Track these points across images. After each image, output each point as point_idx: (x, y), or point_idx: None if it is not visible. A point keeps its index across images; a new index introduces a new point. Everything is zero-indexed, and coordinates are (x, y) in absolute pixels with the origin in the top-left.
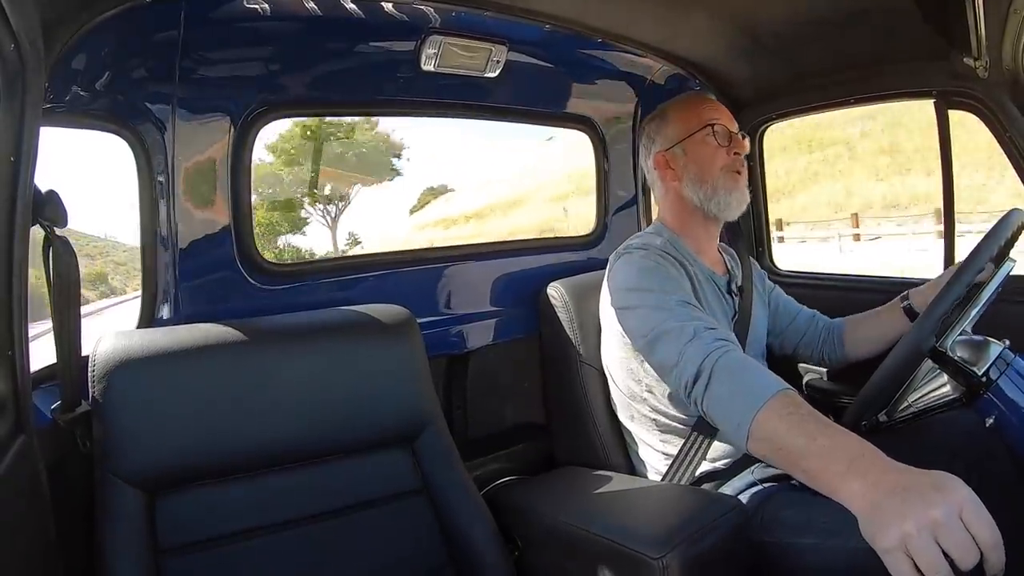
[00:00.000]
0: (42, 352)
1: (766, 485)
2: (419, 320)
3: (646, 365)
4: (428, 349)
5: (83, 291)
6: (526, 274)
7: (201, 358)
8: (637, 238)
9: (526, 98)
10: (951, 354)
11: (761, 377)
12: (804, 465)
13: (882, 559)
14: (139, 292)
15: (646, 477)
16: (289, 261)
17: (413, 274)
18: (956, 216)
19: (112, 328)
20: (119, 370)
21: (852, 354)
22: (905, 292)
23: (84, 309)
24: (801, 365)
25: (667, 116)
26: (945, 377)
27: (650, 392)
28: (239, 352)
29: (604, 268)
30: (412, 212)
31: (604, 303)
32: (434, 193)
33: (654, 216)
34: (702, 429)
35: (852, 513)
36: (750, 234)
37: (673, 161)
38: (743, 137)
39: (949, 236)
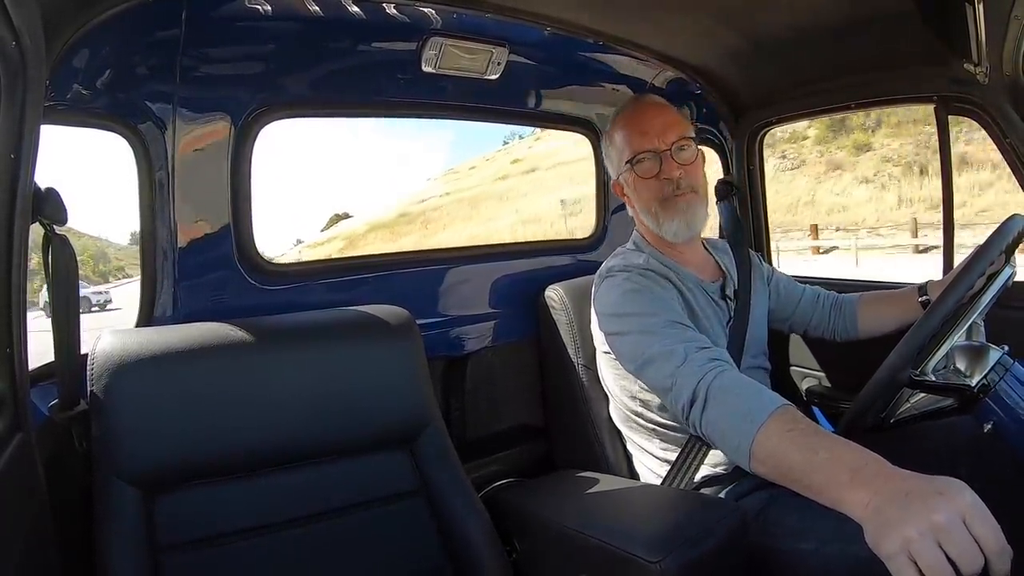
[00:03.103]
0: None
1: (767, 489)
2: (418, 321)
3: (640, 383)
4: (427, 351)
5: None
6: (525, 276)
7: (200, 357)
8: (618, 258)
9: (526, 100)
10: (931, 378)
11: (758, 396)
12: (808, 480)
13: (887, 565)
14: None
15: (645, 481)
16: (289, 261)
17: (412, 275)
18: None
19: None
20: (118, 369)
21: (865, 334)
22: (924, 283)
23: None
24: (794, 369)
25: (613, 139)
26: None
27: (646, 407)
28: (238, 352)
29: None
30: None
31: (594, 323)
32: None
33: None
34: (701, 438)
35: (854, 519)
36: (750, 239)
37: (626, 187)
38: (682, 148)
39: (948, 241)
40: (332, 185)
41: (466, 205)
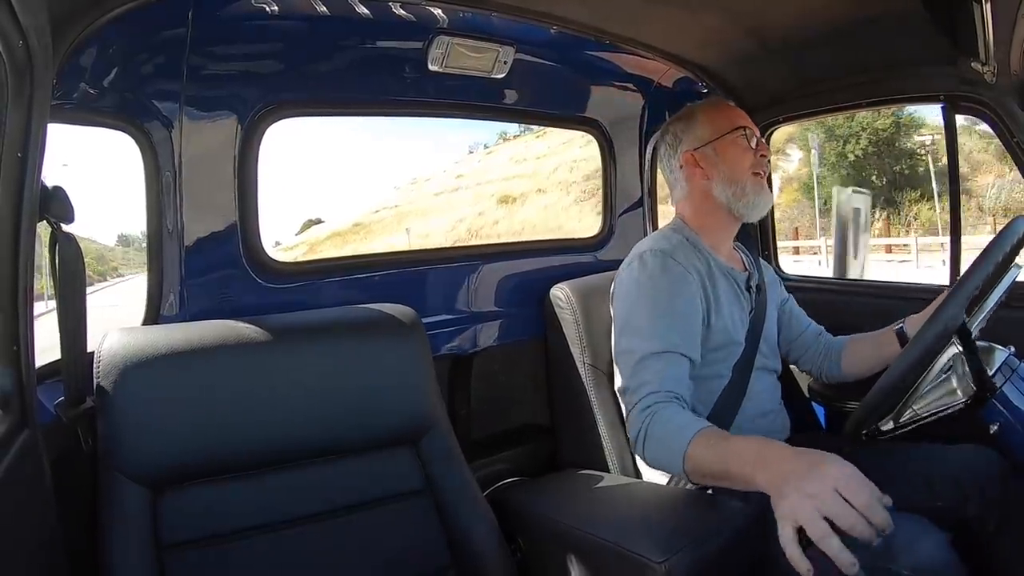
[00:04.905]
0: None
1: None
2: (424, 320)
3: None
4: (433, 349)
5: None
6: (532, 275)
7: (206, 356)
8: (652, 239)
9: (533, 99)
10: (976, 335)
11: (678, 432)
12: (729, 477)
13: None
14: None
15: (651, 480)
16: (295, 259)
17: (419, 274)
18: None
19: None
20: (124, 367)
21: (847, 373)
22: (902, 320)
23: None
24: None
25: (696, 117)
26: (953, 383)
27: None
28: (244, 350)
29: (610, 270)
30: None
31: (613, 301)
32: None
33: (660, 218)
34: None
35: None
36: (757, 239)
37: (703, 160)
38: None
39: (955, 242)
40: (315, 189)
41: (401, 219)
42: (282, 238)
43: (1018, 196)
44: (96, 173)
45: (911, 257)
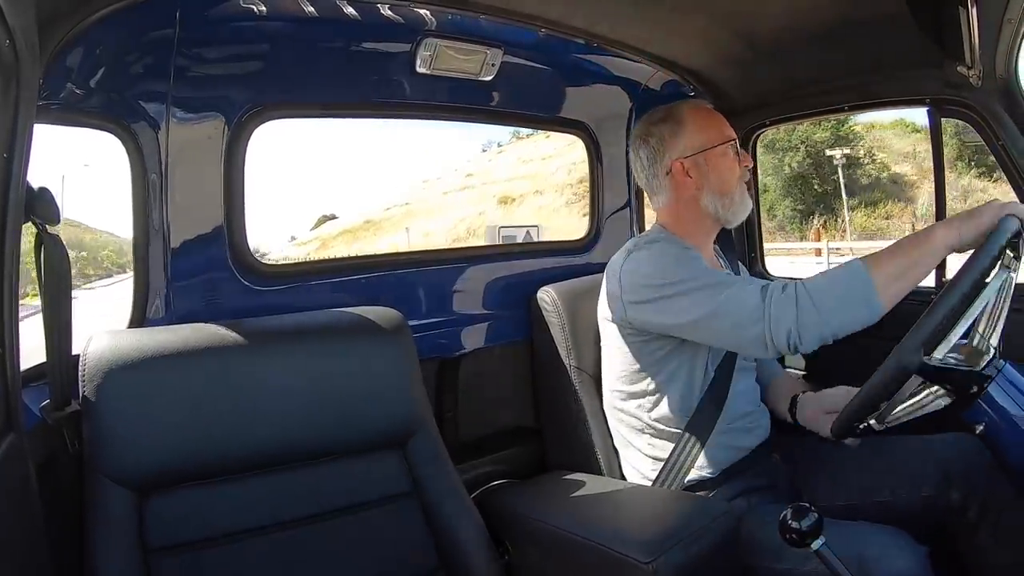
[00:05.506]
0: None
1: (751, 497)
2: (411, 323)
3: (648, 367)
4: (420, 352)
5: None
6: (518, 278)
7: (192, 359)
8: (645, 236)
9: (521, 102)
10: (944, 365)
11: (846, 276)
12: (920, 265)
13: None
14: None
15: (636, 483)
16: (282, 262)
17: (405, 276)
18: None
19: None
20: (110, 370)
21: (769, 404)
22: (800, 392)
23: None
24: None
25: (684, 123)
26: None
27: (646, 395)
28: (230, 353)
29: (596, 272)
30: None
31: (605, 303)
32: None
33: (647, 221)
34: (693, 433)
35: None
36: (742, 241)
37: (694, 170)
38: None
39: None
40: (332, 186)
41: (408, 217)
42: (297, 233)
43: (951, 205)
44: (116, 171)
45: (822, 260)
